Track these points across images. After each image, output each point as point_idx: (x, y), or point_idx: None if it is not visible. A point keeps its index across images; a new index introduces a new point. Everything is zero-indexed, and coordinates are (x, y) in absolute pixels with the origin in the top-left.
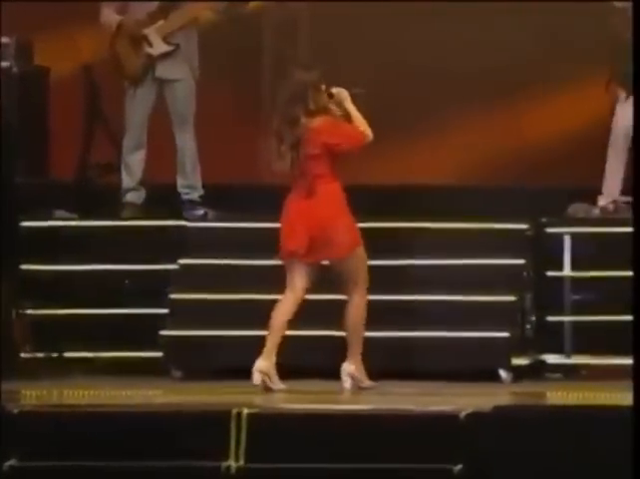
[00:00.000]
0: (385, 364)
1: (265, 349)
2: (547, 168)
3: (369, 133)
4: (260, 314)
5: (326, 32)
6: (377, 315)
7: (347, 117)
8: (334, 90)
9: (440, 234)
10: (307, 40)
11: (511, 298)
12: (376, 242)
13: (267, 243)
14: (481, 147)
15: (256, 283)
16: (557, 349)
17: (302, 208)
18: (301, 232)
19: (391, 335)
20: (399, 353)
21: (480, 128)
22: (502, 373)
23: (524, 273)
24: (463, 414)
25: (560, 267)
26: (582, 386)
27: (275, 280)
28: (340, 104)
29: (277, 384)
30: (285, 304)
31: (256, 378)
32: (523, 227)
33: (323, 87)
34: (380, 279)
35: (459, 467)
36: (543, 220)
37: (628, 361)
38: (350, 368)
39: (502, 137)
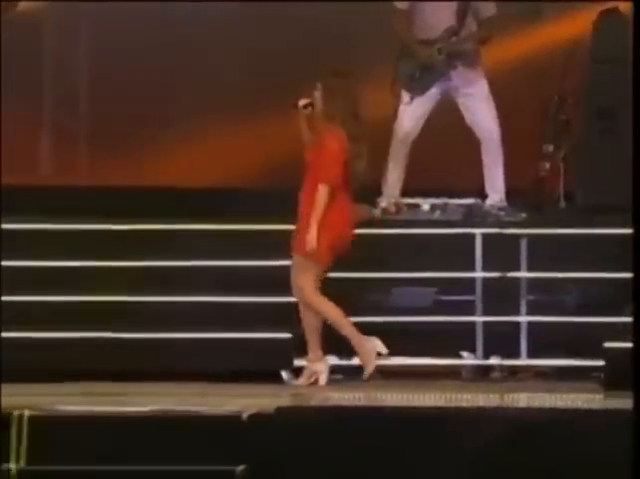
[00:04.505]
0: (169, 365)
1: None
2: None
3: None
4: (38, 316)
5: (106, 32)
6: (158, 318)
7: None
8: None
9: (221, 235)
10: (86, 40)
11: (294, 300)
12: (152, 244)
13: (48, 244)
14: (256, 150)
15: (35, 284)
16: (339, 351)
17: (350, 209)
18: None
19: (175, 336)
20: (183, 354)
21: (251, 131)
22: (285, 374)
23: None
24: (245, 415)
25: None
26: (364, 387)
27: (55, 281)
28: None
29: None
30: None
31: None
32: None
33: None
34: (156, 280)
35: (241, 468)
36: None
37: (406, 361)
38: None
39: (276, 140)
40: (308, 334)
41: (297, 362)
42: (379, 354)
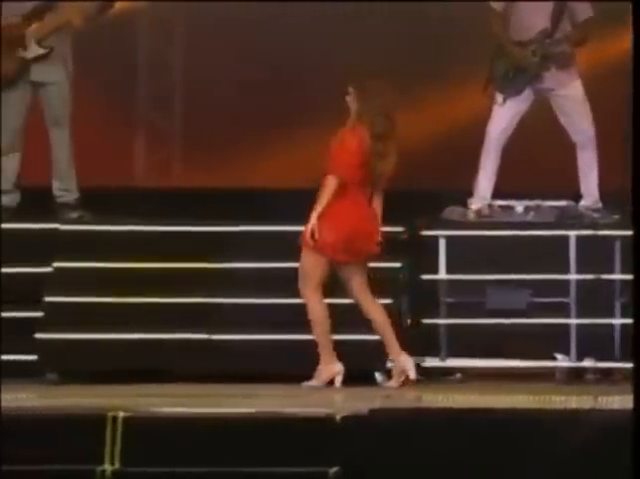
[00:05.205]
0: (260, 366)
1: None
2: (423, 170)
3: None
4: (135, 318)
5: (202, 33)
6: (251, 319)
7: None
8: None
9: None
10: (182, 40)
11: (387, 301)
12: (245, 245)
13: (142, 247)
14: None
15: (131, 286)
16: (432, 352)
17: (370, 210)
18: (377, 233)
19: (267, 338)
20: (276, 355)
21: None
22: (378, 376)
23: (400, 276)
24: (338, 417)
25: (436, 270)
26: (457, 389)
27: (149, 284)
28: None
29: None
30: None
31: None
32: (399, 229)
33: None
34: (248, 282)
35: (334, 470)
36: (418, 222)
37: (501, 364)
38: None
39: None
40: (380, 332)
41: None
42: (331, 382)
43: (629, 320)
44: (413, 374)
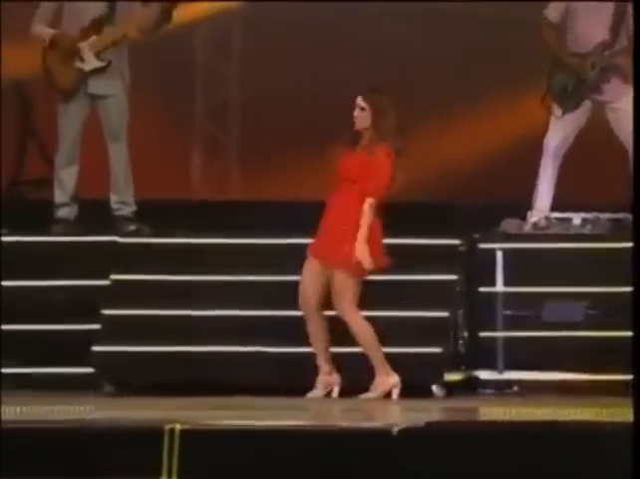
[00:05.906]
0: (312, 379)
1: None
2: (480, 183)
3: None
4: (192, 330)
5: (258, 46)
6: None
7: None
8: None
9: None
10: (239, 54)
11: (444, 314)
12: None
13: (199, 259)
14: (415, 163)
15: (188, 299)
16: (490, 365)
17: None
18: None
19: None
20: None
21: (412, 145)
22: (435, 389)
23: (457, 289)
24: (395, 430)
25: (493, 283)
26: (514, 402)
27: (207, 297)
28: None
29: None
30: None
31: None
32: (456, 242)
33: None
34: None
35: None
36: (476, 235)
37: (558, 377)
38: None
39: (435, 153)
40: (317, 348)
41: (448, 377)
42: (388, 395)
43: None
44: (336, 393)
